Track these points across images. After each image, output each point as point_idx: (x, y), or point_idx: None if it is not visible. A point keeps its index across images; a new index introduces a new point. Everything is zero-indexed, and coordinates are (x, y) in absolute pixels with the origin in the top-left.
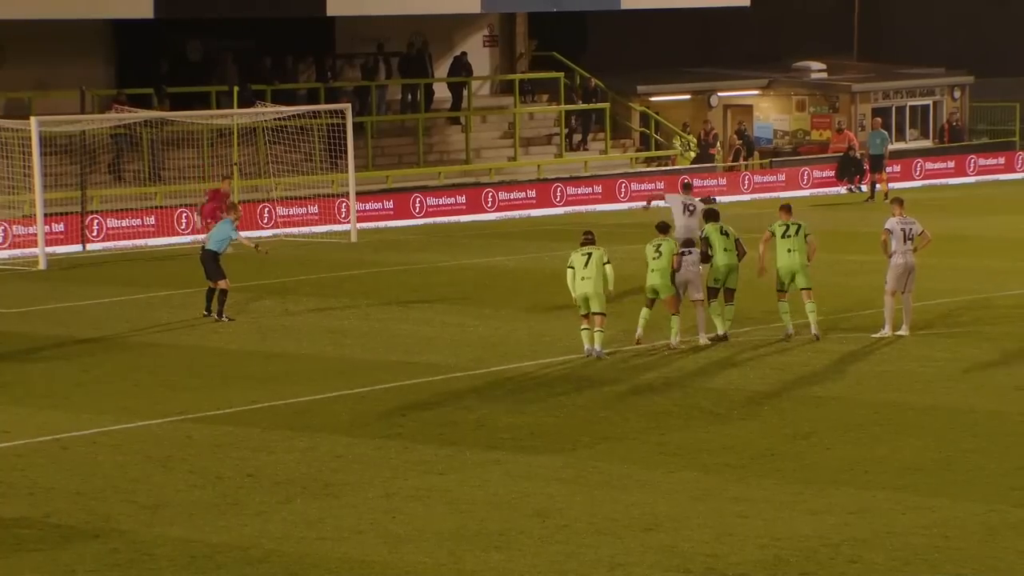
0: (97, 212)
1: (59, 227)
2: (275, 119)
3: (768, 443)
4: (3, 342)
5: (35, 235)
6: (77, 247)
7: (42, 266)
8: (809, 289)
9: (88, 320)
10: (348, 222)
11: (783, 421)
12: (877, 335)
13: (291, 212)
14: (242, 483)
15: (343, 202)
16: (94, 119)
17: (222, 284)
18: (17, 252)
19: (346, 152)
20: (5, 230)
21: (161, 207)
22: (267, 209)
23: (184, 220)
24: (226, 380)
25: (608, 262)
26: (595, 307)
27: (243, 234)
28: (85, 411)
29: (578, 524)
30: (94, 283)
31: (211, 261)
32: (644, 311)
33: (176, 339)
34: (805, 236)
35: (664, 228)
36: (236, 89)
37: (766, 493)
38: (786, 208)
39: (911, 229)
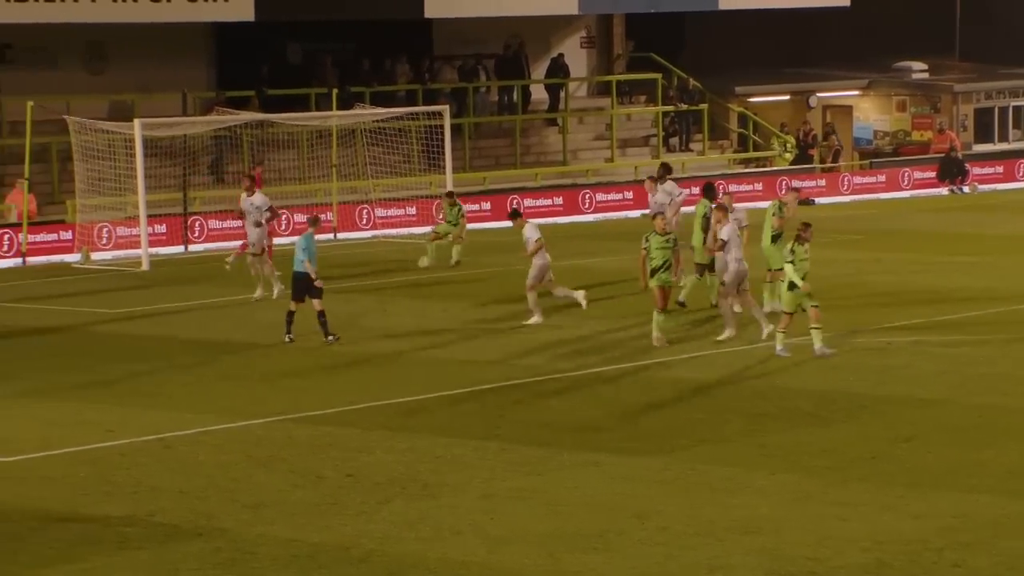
0: (198, 213)
1: (161, 228)
2: (374, 121)
3: (869, 446)
4: (107, 343)
5: (138, 236)
6: (179, 248)
7: (145, 267)
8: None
9: (190, 321)
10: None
11: (884, 424)
12: None
13: (389, 214)
14: (342, 483)
15: (440, 203)
16: (195, 121)
17: (317, 305)
18: (120, 253)
19: (443, 153)
20: (109, 231)
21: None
22: (365, 211)
23: (284, 221)
24: (326, 380)
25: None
26: (811, 302)
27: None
28: (188, 411)
29: (677, 526)
30: (196, 284)
31: (303, 281)
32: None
33: (277, 339)
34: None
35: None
36: (335, 91)
37: (867, 496)
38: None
39: None
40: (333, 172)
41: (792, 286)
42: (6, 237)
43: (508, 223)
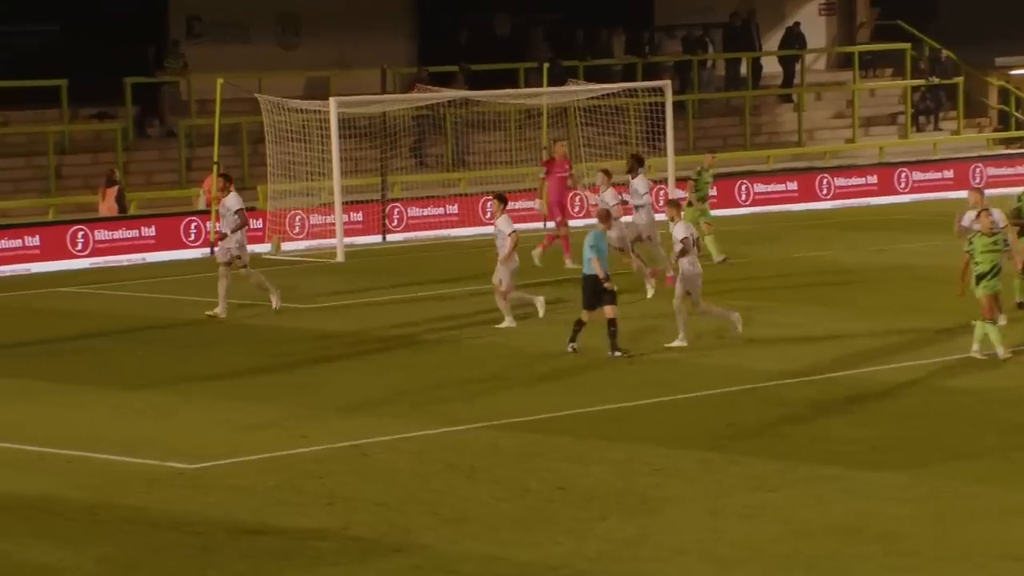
0: (398, 200)
1: (358, 216)
2: (588, 98)
3: None
4: (299, 340)
5: (333, 225)
6: (376, 238)
7: (339, 258)
8: None
9: (388, 316)
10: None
11: None
12: None
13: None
14: (552, 497)
15: (661, 188)
16: (395, 99)
17: (609, 312)
18: (314, 243)
19: (665, 134)
20: (302, 220)
21: (465, 195)
22: (578, 197)
23: (489, 208)
24: (534, 383)
25: None
26: None
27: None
28: (384, 415)
29: (926, 551)
30: (394, 277)
31: (594, 285)
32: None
33: (480, 338)
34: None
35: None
36: (546, 66)
37: None
38: None
39: None
40: (543, 155)
41: None
42: (193, 225)
43: (734, 210)
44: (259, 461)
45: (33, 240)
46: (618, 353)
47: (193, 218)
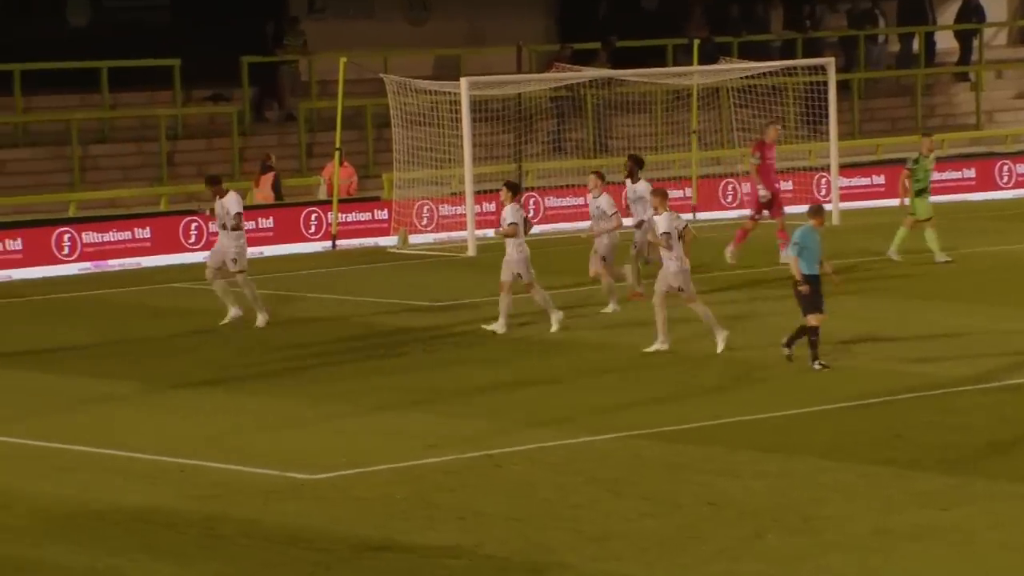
0: (534, 189)
1: (490, 207)
2: (742, 77)
3: None
4: (427, 340)
5: (463, 216)
6: None
7: (471, 252)
8: None
9: (523, 316)
10: (829, 200)
11: None
12: None
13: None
14: (703, 513)
15: (823, 177)
16: (532, 79)
17: (813, 320)
18: (443, 236)
19: (827, 117)
20: (431, 210)
21: (607, 183)
22: (731, 186)
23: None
24: (683, 389)
25: None
26: None
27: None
28: (520, 423)
29: None
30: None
31: (817, 284)
32: None
33: (621, 339)
34: None
35: None
36: (697, 42)
37: None
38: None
39: None
40: (693, 140)
41: None
42: (313, 216)
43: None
44: (385, 472)
45: (143, 232)
46: (818, 365)
47: (314, 208)
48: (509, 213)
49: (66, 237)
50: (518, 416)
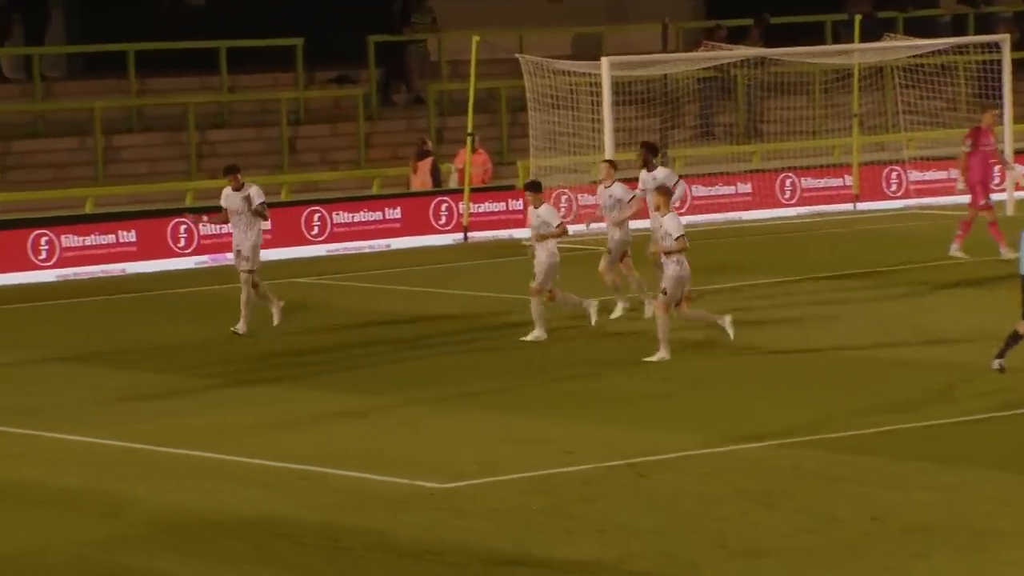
0: (680, 177)
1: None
2: (908, 56)
3: None
4: (568, 340)
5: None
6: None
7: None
8: None
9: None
10: (1003, 189)
11: None
12: None
13: (926, 177)
14: (864, 528)
15: (995, 163)
16: (678, 59)
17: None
18: (582, 227)
19: (1001, 98)
20: (569, 200)
21: (759, 171)
22: (895, 173)
23: (788, 187)
24: (841, 393)
25: None
26: None
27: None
28: (662, 429)
29: None
30: (725, 270)
31: None
32: None
33: (776, 339)
34: None
35: None
36: (858, 18)
37: None
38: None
39: None
40: (854, 124)
41: None
42: (444, 207)
43: None
44: (520, 480)
45: (264, 223)
46: (997, 363)
47: (444, 198)
48: (549, 214)
49: (182, 228)
50: (661, 422)
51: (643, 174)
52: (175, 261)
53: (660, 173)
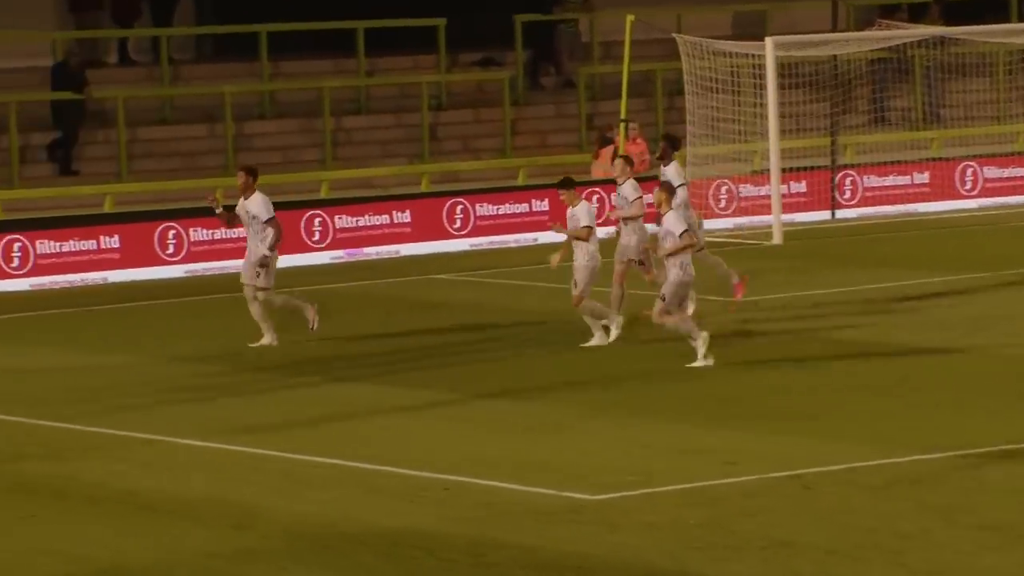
0: (851, 167)
1: (799, 187)
2: None
3: None
4: (717, 342)
5: (768, 198)
6: (824, 214)
7: (776, 240)
8: None
9: (835, 315)
10: None
11: None
12: None
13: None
14: None
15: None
16: (850, 39)
17: None
18: (744, 220)
19: None
20: (729, 191)
21: (937, 159)
22: None
23: (969, 177)
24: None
25: None
26: None
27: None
28: (831, 437)
29: None
30: (844, 264)
31: None
32: None
33: (953, 341)
34: None
35: None
36: None
37: None
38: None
39: None
40: None
41: None
42: (595, 198)
43: None
44: (677, 492)
45: (403, 216)
46: None
47: (595, 189)
48: (585, 214)
49: (316, 221)
50: (831, 430)
51: (663, 168)
52: (309, 256)
53: (670, 170)
